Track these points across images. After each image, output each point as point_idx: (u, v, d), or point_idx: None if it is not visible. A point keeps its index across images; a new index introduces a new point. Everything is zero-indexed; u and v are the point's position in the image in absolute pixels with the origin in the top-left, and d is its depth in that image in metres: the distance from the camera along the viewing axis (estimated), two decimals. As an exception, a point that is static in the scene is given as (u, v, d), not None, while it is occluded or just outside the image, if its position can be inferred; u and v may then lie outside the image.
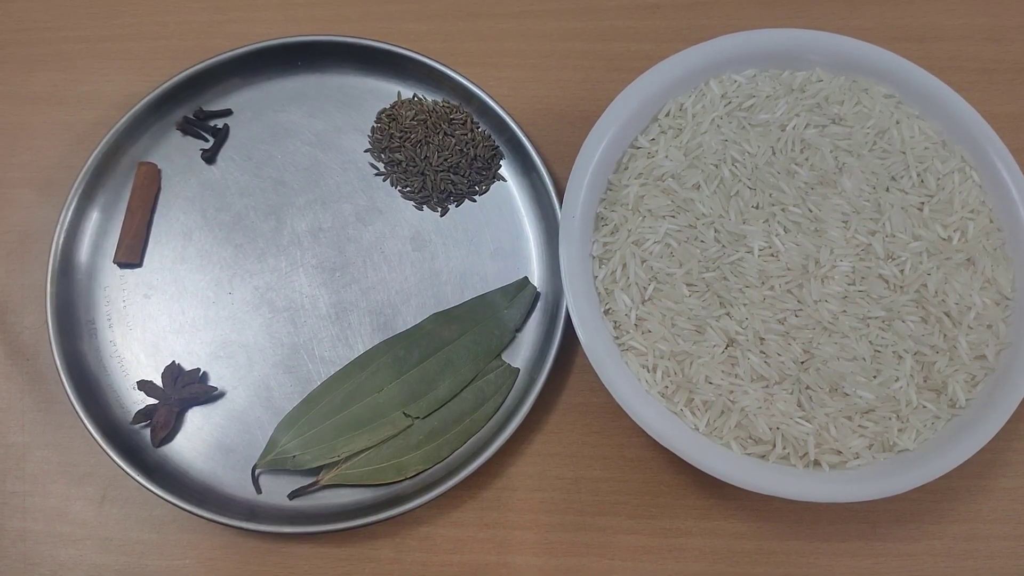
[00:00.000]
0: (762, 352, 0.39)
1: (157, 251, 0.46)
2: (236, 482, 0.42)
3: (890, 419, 0.38)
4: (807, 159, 0.41)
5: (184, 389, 0.43)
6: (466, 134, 0.46)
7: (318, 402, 0.42)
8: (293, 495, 0.42)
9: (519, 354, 0.44)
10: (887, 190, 0.41)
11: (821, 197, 0.40)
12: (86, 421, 0.41)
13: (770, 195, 0.40)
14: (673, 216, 0.40)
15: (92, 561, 0.42)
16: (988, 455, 0.39)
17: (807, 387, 0.38)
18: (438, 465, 0.42)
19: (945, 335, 0.39)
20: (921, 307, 0.39)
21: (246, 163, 0.47)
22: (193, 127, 0.47)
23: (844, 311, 0.39)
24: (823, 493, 0.37)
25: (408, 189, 0.46)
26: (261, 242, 0.46)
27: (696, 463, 0.37)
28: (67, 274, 0.44)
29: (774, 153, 0.41)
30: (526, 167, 0.46)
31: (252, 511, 0.41)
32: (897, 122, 0.42)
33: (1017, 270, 0.41)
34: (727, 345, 0.39)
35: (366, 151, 0.47)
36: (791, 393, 0.38)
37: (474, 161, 0.46)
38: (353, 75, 0.48)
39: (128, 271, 0.45)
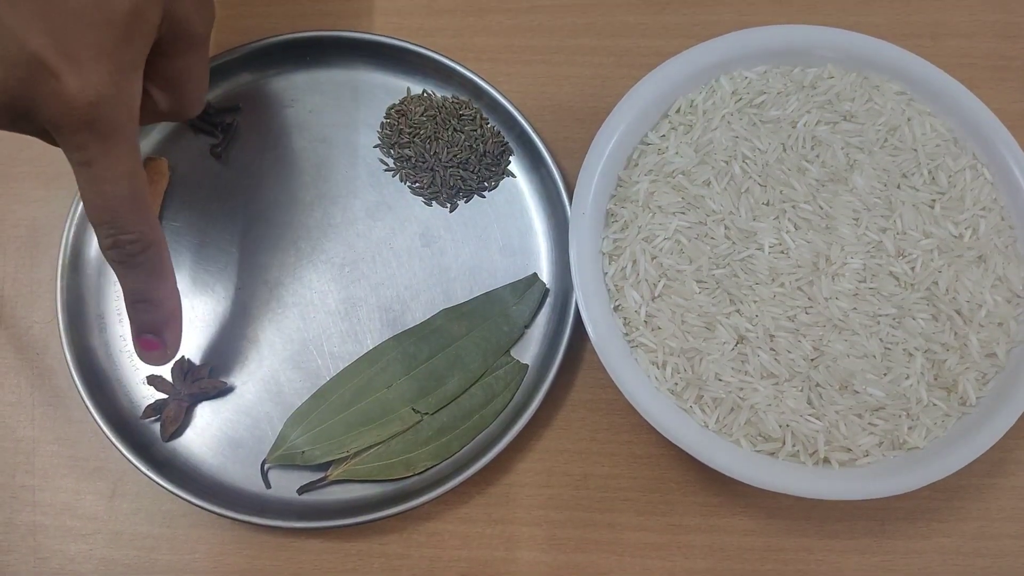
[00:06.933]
0: (772, 349, 0.38)
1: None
2: (245, 477, 0.42)
3: (900, 417, 0.38)
4: (818, 156, 0.41)
5: (194, 384, 0.43)
6: (476, 130, 0.46)
7: (327, 397, 0.42)
8: (302, 490, 0.42)
9: (528, 350, 0.44)
10: (898, 187, 0.41)
11: (832, 194, 0.40)
12: (96, 416, 0.41)
13: (781, 192, 0.40)
14: (683, 213, 0.40)
15: (102, 555, 0.42)
16: (998, 453, 0.39)
17: (817, 384, 0.38)
18: (447, 461, 0.42)
19: (956, 333, 0.39)
20: (932, 305, 0.39)
21: (255, 158, 0.47)
22: (202, 123, 0.47)
23: (854, 308, 0.39)
24: (833, 491, 0.37)
25: (417, 185, 0.46)
26: (270, 237, 0.46)
27: (705, 460, 0.37)
28: (77, 269, 0.44)
29: (785, 150, 0.41)
30: (536, 163, 0.46)
31: (261, 506, 0.41)
32: (908, 119, 0.42)
33: (1028, 268, 0.41)
34: (737, 342, 0.39)
35: (375, 147, 0.47)
36: (801, 390, 0.38)
37: (483, 157, 0.46)
38: (363, 70, 0.48)
39: (138, 266, 0.45)
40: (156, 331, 0.39)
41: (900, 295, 0.39)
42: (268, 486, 0.42)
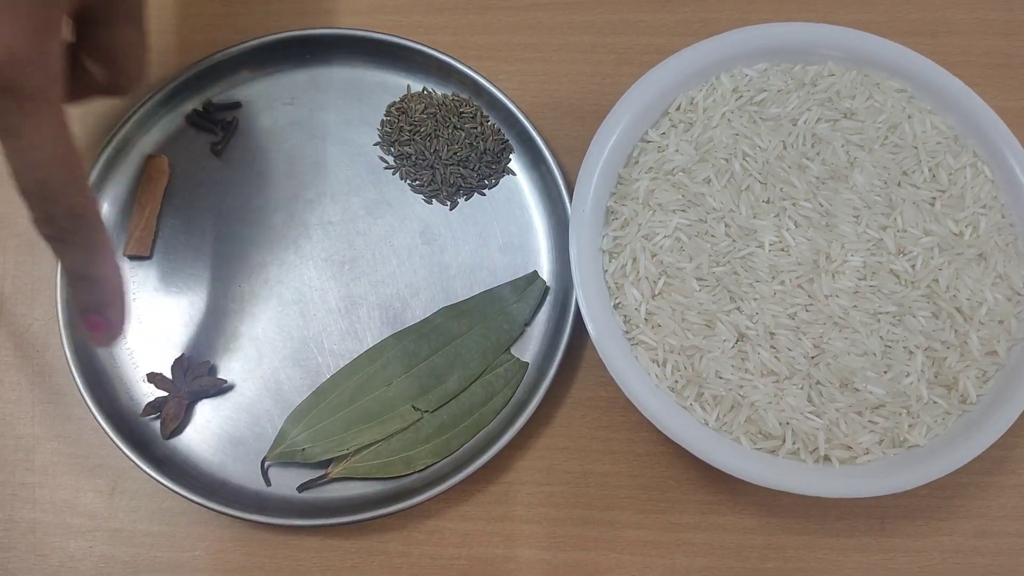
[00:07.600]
0: (772, 347, 0.38)
1: (166, 244, 0.46)
2: (245, 474, 0.42)
3: (900, 415, 0.38)
4: (818, 154, 0.41)
5: (194, 382, 0.43)
6: (476, 127, 0.46)
7: (327, 395, 0.42)
8: (302, 488, 0.42)
9: (528, 348, 0.44)
10: (899, 185, 0.40)
11: (832, 192, 0.40)
12: (96, 413, 0.41)
13: (781, 189, 0.40)
14: (683, 210, 0.40)
15: (102, 553, 0.42)
16: (998, 451, 0.39)
17: (817, 382, 0.38)
18: (447, 459, 0.42)
19: (956, 331, 0.39)
20: (932, 303, 0.39)
21: (255, 156, 0.47)
22: (202, 120, 0.47)
23: (855, 306, 0.39)
24: (833, 488, 0.37)
25: (417, 183, 0.46)
26: (270, 235, 0.46)
27: (705, 458, 0.37)
28: (77, 266, 0.44)
29: (785, 148, 0.41)
30: (536, 161, 0.46)
31: (261, 503, 0.41)
32: (909, 117, 0.42)
33: (1029, 266, 0.41)
34: (737, 340, 0.39)
35: (375, 144, 0.47)
36: (801, 388, 0.38)
37: (484, 155, 0.46)
38: (363, 68, 0.48)
39: (138, 264, 0.45)
40: (100, 310, 0.37)
41: (900, 293, 0.39)
42: (268, 484, 0.42)
